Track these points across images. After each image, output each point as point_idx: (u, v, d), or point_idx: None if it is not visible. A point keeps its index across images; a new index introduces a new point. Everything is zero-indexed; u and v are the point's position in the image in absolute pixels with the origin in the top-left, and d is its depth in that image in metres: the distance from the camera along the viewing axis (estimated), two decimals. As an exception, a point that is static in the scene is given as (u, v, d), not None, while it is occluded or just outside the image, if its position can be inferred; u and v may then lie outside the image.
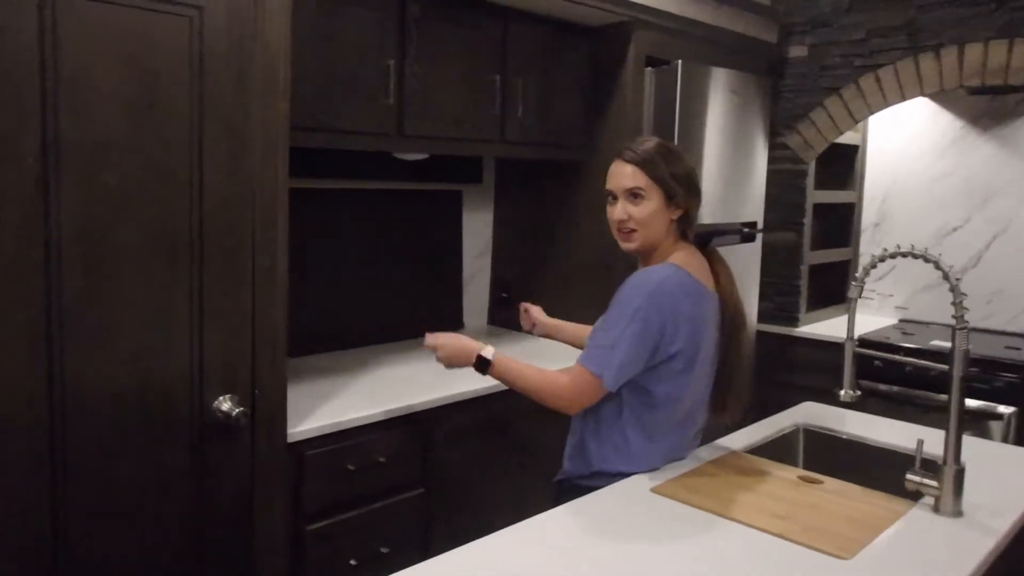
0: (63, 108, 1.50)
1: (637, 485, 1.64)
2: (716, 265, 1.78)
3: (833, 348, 3.28)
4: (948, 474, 1.50)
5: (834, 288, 3.86)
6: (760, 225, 3.33)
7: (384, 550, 2.13)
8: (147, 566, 1.73)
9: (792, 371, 3.50)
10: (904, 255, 1.60)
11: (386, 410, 2.12)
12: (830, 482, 1.69)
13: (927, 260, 1.57)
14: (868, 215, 3.87)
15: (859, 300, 1.72)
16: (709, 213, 3.05)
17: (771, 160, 3.52)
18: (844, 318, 3.68)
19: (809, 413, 2.21)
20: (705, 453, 1.84)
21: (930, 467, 1.53)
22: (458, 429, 2.32)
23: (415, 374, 2.47)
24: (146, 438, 1.69)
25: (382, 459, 2.12)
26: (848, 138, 3.67)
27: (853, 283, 1.71)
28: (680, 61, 2.77)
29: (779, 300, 3.59)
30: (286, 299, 1.87)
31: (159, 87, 1.62)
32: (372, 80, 2.23)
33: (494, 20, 2.54)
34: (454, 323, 3.13)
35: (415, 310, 2.96)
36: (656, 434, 1.71)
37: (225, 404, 1.78)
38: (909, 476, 1.55)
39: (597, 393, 1.65)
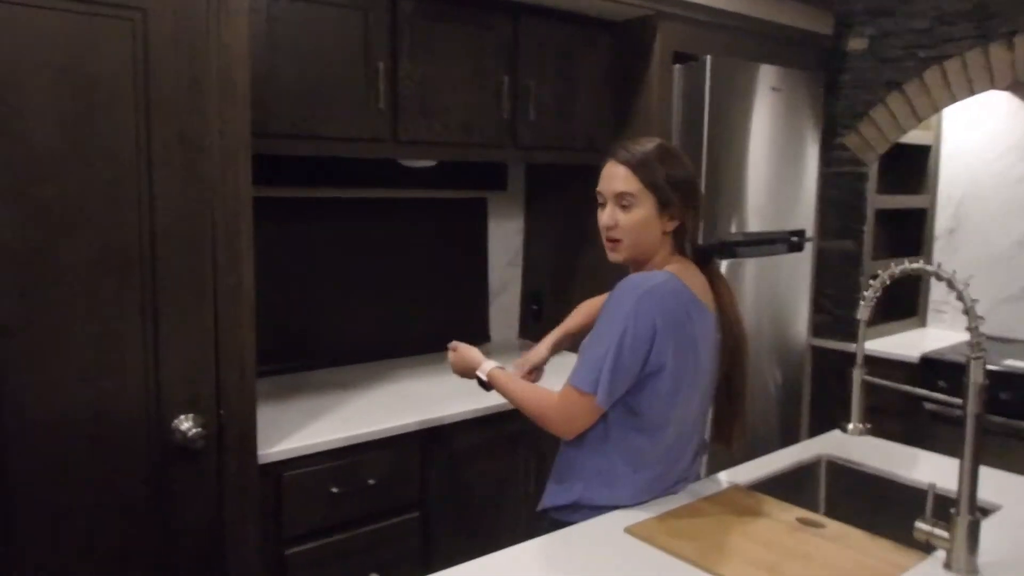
0: (-10, 121, 1.43)
1: (613, 522, 1.49)
2: (717, 283, 1.60)
3: (898, 367, 2.99)
4: (960, 525, 1.28)
5: (904, 300, 3.54)
6: (809, 233, 3.07)
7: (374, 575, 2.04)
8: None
9: (850, 390, 3.20)
10: (914, 272, 1.39)
11: (377, 429, 2.03)
12: (833, 526, 1.48)
13: (940, 278, 1.36)
14: (942, 221, 3.52)
15: (932, 314, 1.52)
16: (751, 220, 2.83)
17: (828, 162, 3.26)
18: (915, 333, 3.42)
19: (838, 442, 1.98)
20: (703, 486, 1.67)
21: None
22: (463, 449, 2.20)
23: (424, 390, 2.37)
24: (100, 463, 1.61)
25: (372, 481, 2.02)
26: (919, 138, 3.36)
27: (862, 303, 1.51)
28: (709, 56, 2.58)
29: (837, 313, 3.30)
30: (253, 317, 1.79)
31: (100, 95, 1.54)
32: (360, 83, 2.13)
33: (502, 17, 2.40)
34: (480, 336, 3.01)
35: (434, 323, 2.86)
36: (643, 462, 1.56)
37: (184, 425, 1.70)
38: (918, 524, 1.34)
39: (590, 412, 1.51)
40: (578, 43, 2.60)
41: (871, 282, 1.49)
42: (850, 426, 1.52)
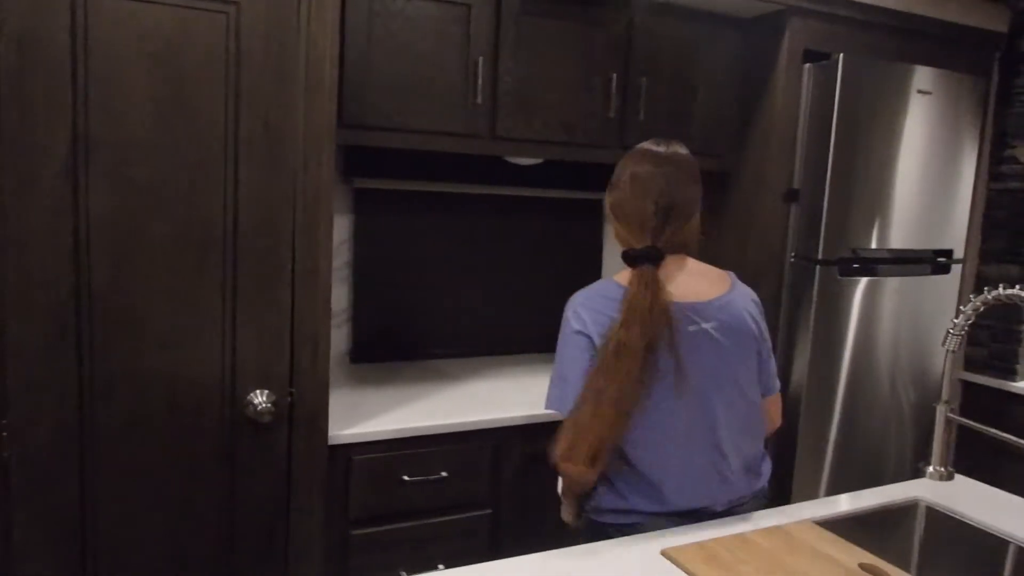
0: (93, 105, 1.56)
1: (652, 542, 1.43)
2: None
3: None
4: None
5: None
6: (957, 254, 2.74)
7: (440, 566, 2.05)
8: (175, 554, 1.77)
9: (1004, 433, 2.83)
10: (1008, 299, 1.20)
11: (455, 423, 2.04)
12: (899, 578, 1.31)
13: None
14: None
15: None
16: (891, 235, 2.58)
17: (993, 177, 2.90)
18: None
19: (942, 486, 1.74)
20: (766, 516, 1.54)
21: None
22: (540, 452, 2.13)
23: (513, 389, 2.36)
24: (174, 425, 1.72)
25: (444, 473, 2.04)
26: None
27: (951, 332, 1.32)
28: (841, 55, 2.36)
29: (994, 347, 2.93)
30: (329, 301, 1.84)
31: (192, 85, 1.64)
32: (458, 78, 2.14)
33: (615, 13, 2.33)
34: (584, 340, 2.95)
35: (540, 324, 2.81)
36: (649, 470, 1.50)
37: (257, 399, 1.78)
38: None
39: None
40: (699, 40, 2.48)
41: (961, 308, 1.31)
42: (929, 468, 1.34)
